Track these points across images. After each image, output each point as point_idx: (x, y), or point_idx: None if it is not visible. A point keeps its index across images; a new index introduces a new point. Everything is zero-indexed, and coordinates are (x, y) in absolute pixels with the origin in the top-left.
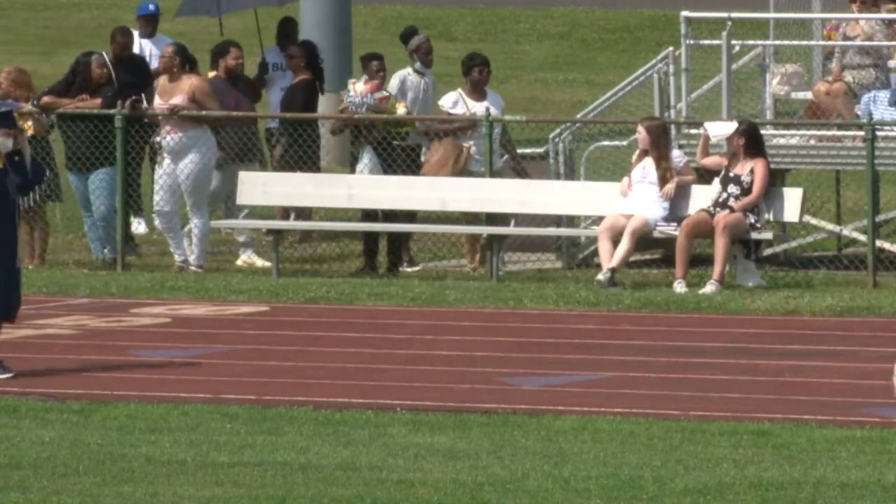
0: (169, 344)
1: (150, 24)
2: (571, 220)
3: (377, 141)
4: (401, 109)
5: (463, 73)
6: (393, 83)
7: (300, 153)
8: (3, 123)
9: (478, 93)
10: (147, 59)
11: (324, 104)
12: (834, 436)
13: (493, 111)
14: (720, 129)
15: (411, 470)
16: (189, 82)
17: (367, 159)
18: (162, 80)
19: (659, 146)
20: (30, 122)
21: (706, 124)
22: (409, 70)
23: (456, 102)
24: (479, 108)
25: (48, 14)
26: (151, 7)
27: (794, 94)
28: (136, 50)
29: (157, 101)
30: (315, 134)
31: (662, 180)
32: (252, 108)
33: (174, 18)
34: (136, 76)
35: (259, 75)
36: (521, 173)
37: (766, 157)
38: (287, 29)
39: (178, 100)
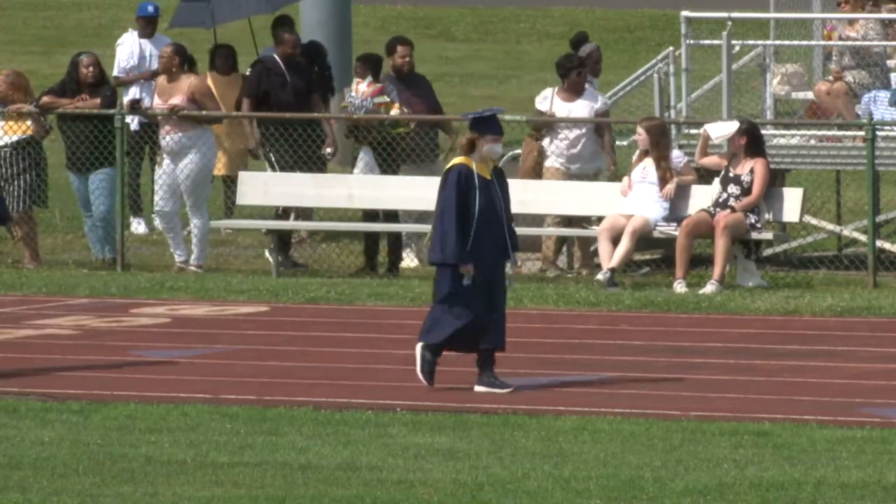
0: (169, 344)
1: (149, 25)
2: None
3: (376, 141)
4: (394, 111)
5: (560, 74)
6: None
7: (304, 153)
8: None
9: (574, 93)
10: (146, 60)
11: (332, 105)
12: (834, 436)
13: (589, 111)
14: (721, 130)
15: (411, 470)
16: (188, 82)
17: (364, 159)
18: (160, 80)
19: (658, 146)
20: (29, 123)
21: (706, 126)
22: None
23: (545, 99)
24: (569, 108)
25: (48, 14)
26: (150, 8)
27: (794, 94)
28: (135, 50)
29: (157, 101)
30: (317, 134)
31: (662, 180)
32: (434, 107)
33: (168, 29)
34: (305, 78)
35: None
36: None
37: (766, 157)
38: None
39: (177, 100)
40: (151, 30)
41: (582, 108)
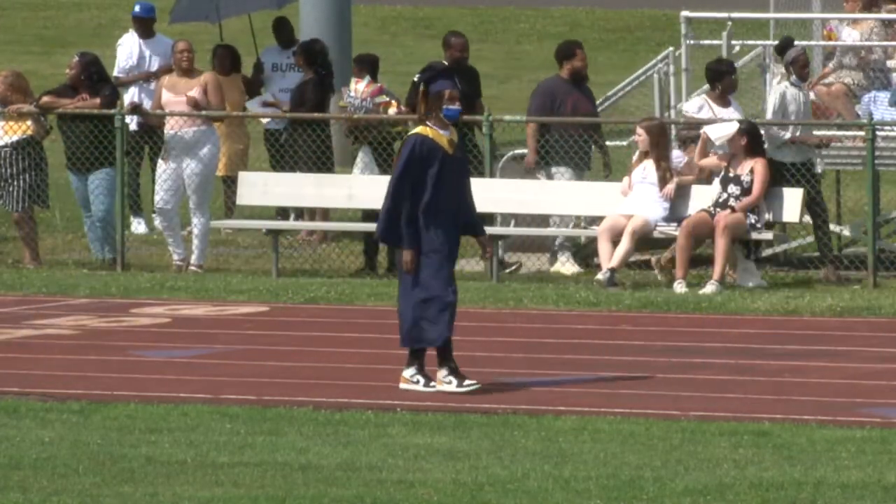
0: (169, 344)
1: (141, 26)
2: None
3: (376, 141)
4: (392, 110)
5: (709, 78)
6: (772, 99)
7: (308, 152)
8: None
9: (725, 99)
10: (146, 60)
11: (332, 105)
12: (834, 436)
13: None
14: (721, 131)
15: (411, 470)
16: (203, 76)
17: (364, 159)
18: (170, 77)
19: (658, 146)
20: (29, 123)
21: (706, 128)
22: (786, 84)
23: (701, 108)
24: (724, 114)
25: (48, 14)
26: (137, 9)
27: None
28: (134, 51)
29: (167, 96)
30: (324, 134)
31: (662, 181)
32: (594, 109)
33: (169, 25)
34: (471, 84)
35: (255, 75)
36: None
37: (766, 157)
38: (282, 29)
39: (194, 93)
40: (146, 30)
41: (733, 113)
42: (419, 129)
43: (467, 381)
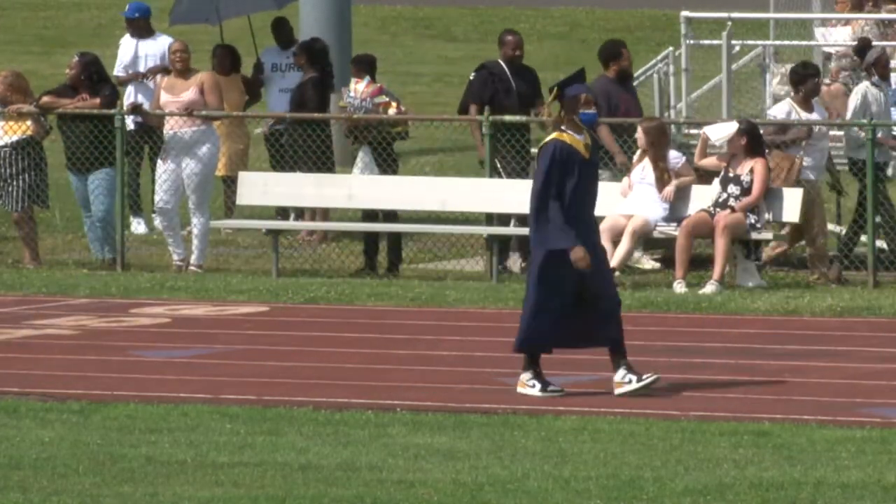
0: (169, 344)
1: (132, 27)
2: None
3: (376, 141)
4: (391, 110)
5: (793, 82)
6: (853, 99)
7: (308, 152)
8: None
9: (808, 103)
10: (142, 60)
11: (332, 105)
12: (834, 436)
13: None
14: (720, 132)
15: (411, 470)
16: (199, 76)
17: (363, 159)
18: (168, 78)
19: (655, 147)
20: (29, 123)
21: (705, 128)
22: (866, 84)
23: (789, 113)
24: (807, 117)
25: (48, 14)
26: (127, 9)
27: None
28: (130, 50)
29: (165, 97)
30: (325, 133)
31: (660, 181)
32: (640, 109)
33: (169, 27)
34: (529, 83)
35: (254, 76)
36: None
37: (765, 157)
38: (281, 29)
39: (189, 94)
40: (140, 30)
41: (817, 118)
42: (555, 135)
43: (552, 387)
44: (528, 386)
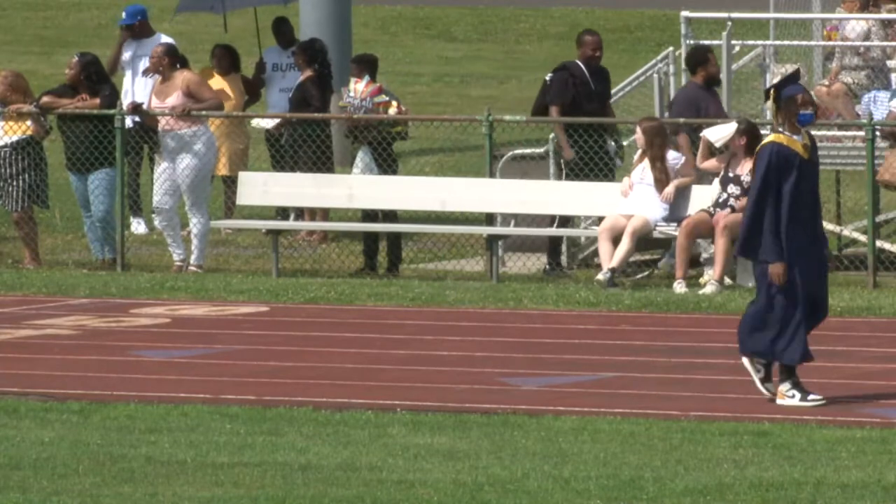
0: (169, 344)
1: (129, 32)
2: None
3: (376, 141)
4: (392, 110)
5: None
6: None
7: (308, 152)
8: None
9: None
10: (139, 60)
11: (332, 105)
12: (834, 436)
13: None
14: (720, 133)
15: (411, 470)
16: (181, 77)
17: (363, 159)
18: (156, 83)
19: (654, 147)
20: (29, 123)
21: (705, 131)
22: None
23: None
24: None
25: (48, 14)
26: (124, 18)
27: None
28: (128, 53)
29: (154, 102)
30: (325, 133)
31: (658, 181)
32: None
33: (173, 18)
34: (605, 85)
35: (256, 75)
36: None
37: None
38: (282, 29)
39: (173, 99)
40: (137, 33)
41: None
42: (772, 137)
43: (812, 396)
44: (787, 396)
